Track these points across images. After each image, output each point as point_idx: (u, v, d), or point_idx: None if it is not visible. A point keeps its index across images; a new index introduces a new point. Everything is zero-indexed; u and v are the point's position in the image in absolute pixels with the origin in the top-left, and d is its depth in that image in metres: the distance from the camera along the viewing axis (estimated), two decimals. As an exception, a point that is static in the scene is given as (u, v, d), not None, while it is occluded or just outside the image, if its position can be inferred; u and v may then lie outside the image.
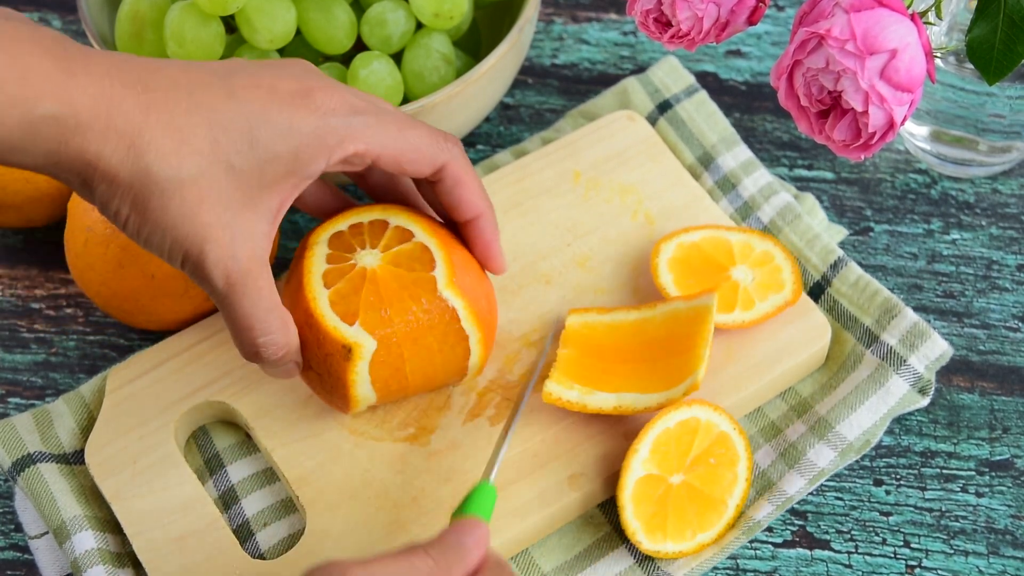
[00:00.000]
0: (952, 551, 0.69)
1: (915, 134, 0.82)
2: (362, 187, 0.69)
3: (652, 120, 0.81)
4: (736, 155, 0.79)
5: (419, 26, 0.78)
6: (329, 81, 0.62)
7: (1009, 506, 0.71)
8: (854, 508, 0.71)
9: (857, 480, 0.72)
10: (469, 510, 0.61)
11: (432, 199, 0.68)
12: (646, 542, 0.66)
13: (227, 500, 0.70)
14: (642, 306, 0.72)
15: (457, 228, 0.68)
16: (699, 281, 0.73)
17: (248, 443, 0.71)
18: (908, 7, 0.63)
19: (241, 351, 0.63)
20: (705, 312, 0.70)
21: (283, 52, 0.79)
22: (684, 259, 0.74)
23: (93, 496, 0.69)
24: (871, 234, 0.81)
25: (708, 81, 0.88)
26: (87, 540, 0.66)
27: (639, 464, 0.67)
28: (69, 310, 0.79)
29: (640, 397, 0.68)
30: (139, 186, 0.57)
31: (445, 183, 0.65)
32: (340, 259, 0.65)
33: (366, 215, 0.67)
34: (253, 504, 0.69)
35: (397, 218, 0.67)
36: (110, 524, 0.68)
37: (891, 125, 0.62)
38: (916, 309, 0.78)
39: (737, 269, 0.73)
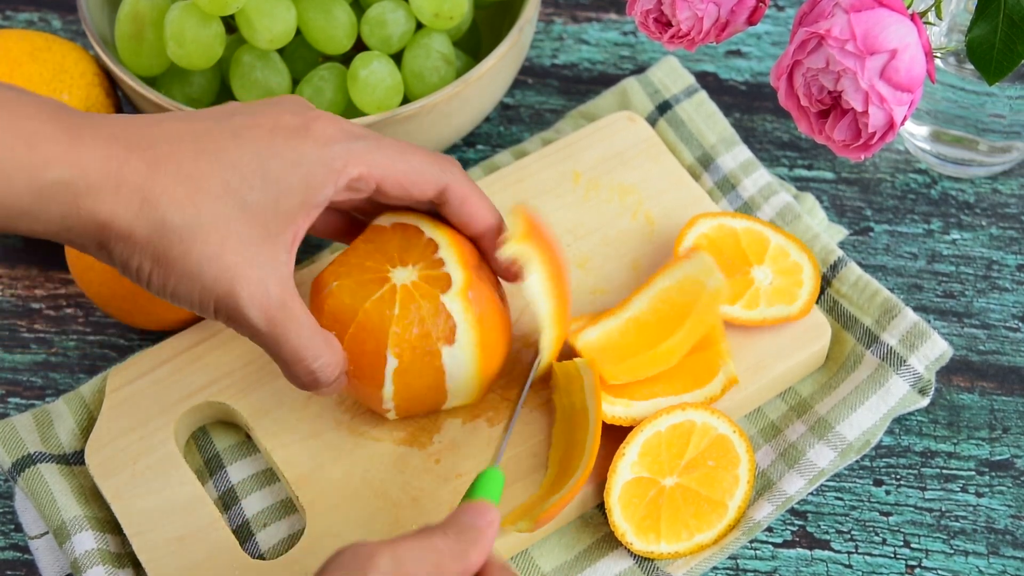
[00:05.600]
0: (952, 551, 0.69)
1: (915, 134, 0.82)
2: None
3: (652, 121, 0.81)
4: (736, 155, 0.79)
5: (419, 26, 0.78)
6: (325, 113, 0.63)
7: (1009, 506, 0.71)
8: (854, 508, 0.71)
9: (857, 480, 0.72)
10: (477, 495, 0.60)
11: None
12: (637, 543, 0.66)
13: (227, 500, 0.70)
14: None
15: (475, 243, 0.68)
16: (718, 264, 0.73)
17: (248, 443, 0.71)
18: (908, 7, 0.63)
19: (296, 383, 0.63)
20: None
21: (283, 52, 0.79)
22: (716, 239, 0.73)
23: (93, 496, 0.69)
24: (871, 234, 0.81)
25: (708, 81, 0.88)
26: (87, 540, 0.66)
27: (627, 467, 0.67)
28: (69, 310, 0.79)
29: (676, 399, 0.69)
30: (157, 238, 0.57)
31: (451, 204, 0.65)
32: (373, 272, 0.65)
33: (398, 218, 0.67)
34: (253, 504, 0.69)
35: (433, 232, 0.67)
36: (110, 524, 0.68)
37: (891, 125, 0.62)
38: (916, 309, 0.78)
39: (760, 269, 0.73)
